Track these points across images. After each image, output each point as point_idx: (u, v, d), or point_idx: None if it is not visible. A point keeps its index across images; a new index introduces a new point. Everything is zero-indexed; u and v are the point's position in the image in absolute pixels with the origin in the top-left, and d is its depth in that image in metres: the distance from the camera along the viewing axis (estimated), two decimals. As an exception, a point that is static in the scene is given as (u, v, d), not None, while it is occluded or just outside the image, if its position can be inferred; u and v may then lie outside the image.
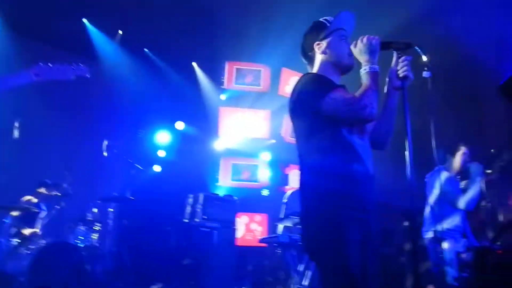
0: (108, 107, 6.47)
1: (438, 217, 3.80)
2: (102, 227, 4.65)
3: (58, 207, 4.67)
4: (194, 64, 7.46)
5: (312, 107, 1.85)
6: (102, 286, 4.14)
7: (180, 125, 6.84)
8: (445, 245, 3.67)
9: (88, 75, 2.47)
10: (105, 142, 5.10)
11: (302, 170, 1.94)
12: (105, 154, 5.07)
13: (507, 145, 5.69)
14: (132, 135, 6.36)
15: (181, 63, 7.17)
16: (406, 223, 5.40)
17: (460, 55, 5.91)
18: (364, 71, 1.86)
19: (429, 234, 3.79)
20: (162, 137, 6.67)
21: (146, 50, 7.22)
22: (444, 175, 3.86)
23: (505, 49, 5.67)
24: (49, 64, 2.37)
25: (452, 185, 3.84)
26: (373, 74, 1.83)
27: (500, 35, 5.59)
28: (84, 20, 6.72)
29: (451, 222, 3.80)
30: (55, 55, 5.90)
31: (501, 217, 4.62)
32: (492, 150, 5.71)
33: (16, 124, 4.02)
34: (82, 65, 2.45)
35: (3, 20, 5.84)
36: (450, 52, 5.47)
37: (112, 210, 4.94)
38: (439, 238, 3.72)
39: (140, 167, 5.39)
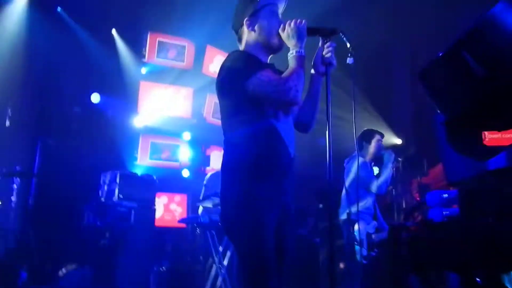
0: (12, 71, 5.74)
1: (352, 200, 4.06)
2: (3, 204, 4.22)
3: None
4: (113, 31, 6.92)
5: (238, 85, 1.83)
6: (5, 267, 3.75)
7: (96, 97, 6.33)
8: (357, 226, 3.94)
9: None
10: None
11: (224, 150, 1.93)
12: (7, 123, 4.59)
13: (412, 137, 6.30)
14: (40, 104, 5.74)
15: (99, 28, 6.57)
16: (320, 205, 5.72)
17: (376, 44, 6.29)
18: (291, 55, 1.88)
19: (344, 216, 4.03)
20: (76, 108, 6.14)
21: (59, 8, 6.51)
22: (359, 160, 4.11)
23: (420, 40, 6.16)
24: None
25: (366, 171, 4.13)
26: (299, 58, 1.86)
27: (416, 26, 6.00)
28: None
29: (363, 205, 4.09)
30: None
31: (404, 202, 5.11)
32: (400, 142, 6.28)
33: None
34: None
35: None
36: (366, 40, 5.80)
37: (15, 186, 4.47)
38: (352, 219, 3.98)
39: (49, 140, 4.94)
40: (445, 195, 2.84)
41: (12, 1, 6.07)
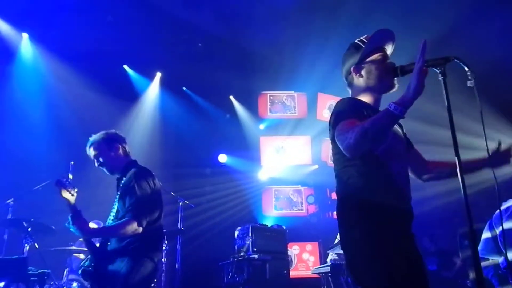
0: (152, 144, 6.64)
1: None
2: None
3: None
4: (231, 97, 7.61)
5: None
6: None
7: (223, 158, 6.94)
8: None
9: None
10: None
11: (338, 195, 1.88)
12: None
13: None
14: (176, 169, 6.45)
15: (219, 97, 7.34)
16: (466, 242, 5.11)
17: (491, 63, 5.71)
18: (388, 106, 1.60)
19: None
20: (207, 171, 6.80)
21: (184, 88, 7.45)
22: None
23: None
24: None
25: None
26: (389, 115, 1.59)
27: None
28: (125, 66, 7.06)
29: None
30: (101, 101, 6.23)
31: None
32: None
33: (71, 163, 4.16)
34: None
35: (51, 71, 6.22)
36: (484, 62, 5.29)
37: (164, 247, 4.93)
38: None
39: (187, 202, 5.41)
40: None
41: (148, 87, 7.19)
